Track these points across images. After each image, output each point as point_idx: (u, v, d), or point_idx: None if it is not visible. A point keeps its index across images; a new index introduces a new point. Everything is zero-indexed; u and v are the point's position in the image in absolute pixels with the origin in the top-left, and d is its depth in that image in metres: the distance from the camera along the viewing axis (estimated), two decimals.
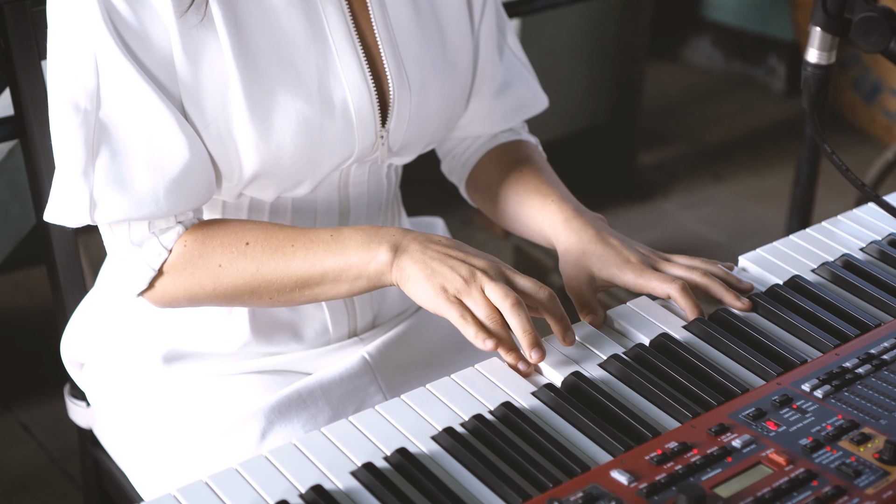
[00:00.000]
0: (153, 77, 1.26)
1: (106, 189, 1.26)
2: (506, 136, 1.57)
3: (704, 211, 3.55)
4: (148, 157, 1.26)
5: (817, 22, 1.01)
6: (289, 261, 1.28)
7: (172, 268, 1.30)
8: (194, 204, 1.30)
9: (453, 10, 1.45)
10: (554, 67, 3.31)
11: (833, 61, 1.04)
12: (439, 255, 1.22)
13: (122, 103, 1.25)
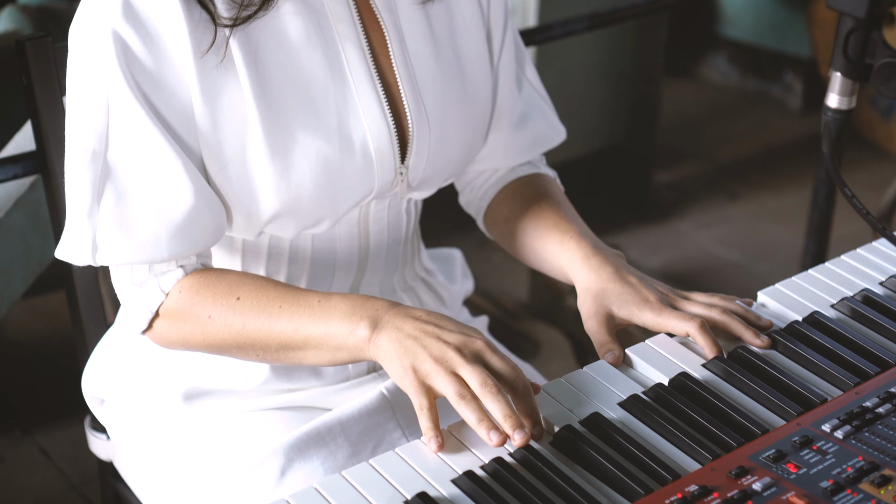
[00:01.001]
0: (164, 120, 1.27)
1: (108, 232, 1.27)
2: (524, 170, 1.57)
3: (720, 230, 3.55)
4: (152, 201, 1.27)
5: (837, 67, 1.01)
6: (274, 322, 1.27)
7: (168, 312, 1.31)
8: (197, 249, 1.31)
9: (472, 45, 1.46)
10: (571, 88, 3.31)
11: (853, 106, 1.04)
12: (415, 332, 1.19)
13: (129, 146, 1.26)
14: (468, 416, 1.13)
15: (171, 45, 1.25)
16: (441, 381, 1.16)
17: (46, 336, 2.78)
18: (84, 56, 1.26)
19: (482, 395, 1.14)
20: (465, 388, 1.15)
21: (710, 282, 3.28)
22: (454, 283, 1.69)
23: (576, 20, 2.10)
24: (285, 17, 1.31)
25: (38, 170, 1.59)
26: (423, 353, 1.17)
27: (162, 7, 1.24)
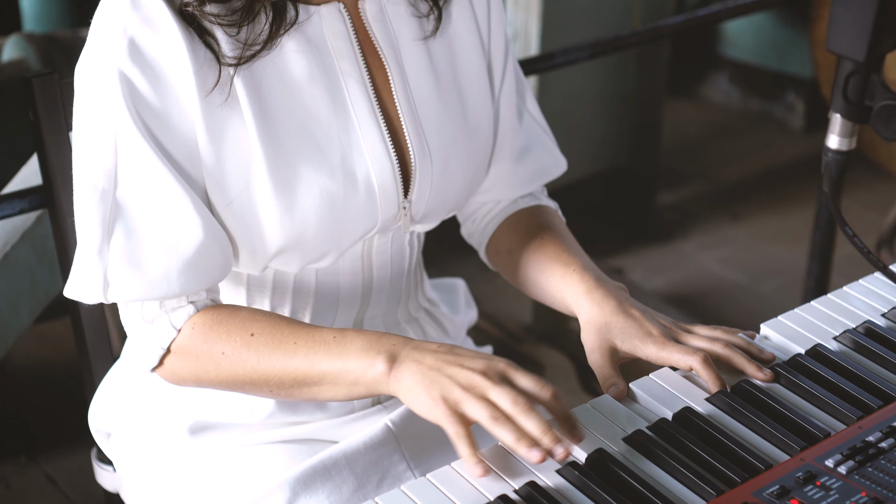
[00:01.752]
0: (171, 158, 1.28)
1: (119, 269, 1.28)
2: (525, 202, 1.58)
3: (724, 251, 3.55)
4: (162, 238, 1.28)
5: (837, 109, 1.02)
6: (289, 358, 1.28)
7: (180, 349, 1.32)
8: (208, 284, 1.31)
9: (474, 78, 1.47)
10: (573, 111, 3.33)
11: (854, 147, 1.05)
12: (437, 364, 1.20)
13: (138, 184, 1.27)
14: (505, 436, 1.15)
15: (177, 85, 1.26)
16: (473, 407, 1.17)
17: (52, 362, 2.79)
18: (91, 96, 1.28)
19: (516, 413, 1.15)
20: (498, 410, 1.16)
21: (713, 303, 3.28)
22: (458, 313, 1.69)
23: (577, 48, 2.11)
24: (288, 55, 1.32)
25: (44, 204, 1.61)
26: (450, 382, 1.18)
27: (167, 47, 1.25)
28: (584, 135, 3.42)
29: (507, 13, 3.16)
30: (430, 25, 1.42)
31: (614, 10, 3.28)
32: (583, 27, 3.21)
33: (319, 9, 1.34)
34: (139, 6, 1.25)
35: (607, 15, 3.27)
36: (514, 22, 3.15)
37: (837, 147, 1.05)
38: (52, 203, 1.56)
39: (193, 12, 1.26)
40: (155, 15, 1.25)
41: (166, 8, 1.25)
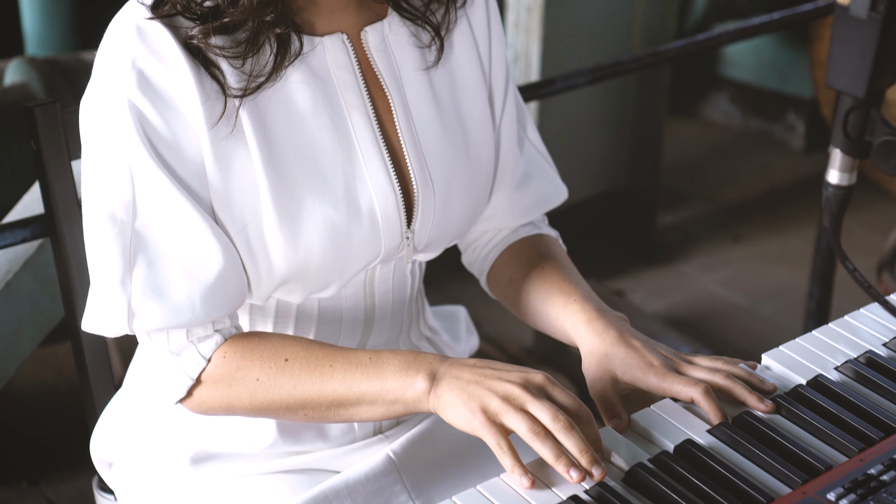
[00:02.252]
0: (187, 186, 1.28)
1: (143, 298, 1.28)
2: (526, 230, 1.58)
3: (725, 273, 3.55)
4: (184, 265, 1.28)
5: (837, 144, 1.03)
6: (326, 381, 1.29)
7: (211, 378, 1.32)
8: (230, 309, 1.32)
9: (475, 108, 1.47)
10: (574, 132, 3.33)
11: (854, 182, 1.05)
12: (476, 378, 1.22)
13: (157, 213, 1.28)
14: (545, 452, 1.16)
15: (186, 115, 1.27)
16: (512, 418, 1.18)
17: (54, 387, 2.78)
18: (101, 128, 1.28)
19: (555, 430, 1.17)
20: (538, 423, 1.17)
21: (714, 325, 3.28)
22: (459, 341, 1.70)
23: (578, 74, 2.12)
24: (293, 86, 1.33)
25: (46, 233, 1.61)
26: (490, 394, 1.20)
27: (175, 78, 1.26)
28: (585, 156, 3.42)
29: (508, 35, 3.17)
30: (431, 56, 1.42)
31: (615, 32, 3.29)
32: (583, 50, 3.22)
33: (323, 40, 1.35)
34: (146, 38, 1.26)
35: (608, 37, 3.28)
36: (514, 44, 3.16)
37: (838, 182, 1.05)
38: (53, 232, 1.56)
39: (199, 45, 1.27)
40: (162, 46, 1.26)
41: (173, 39, 1.26)
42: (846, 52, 0.97)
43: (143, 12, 1.28)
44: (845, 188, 1.06)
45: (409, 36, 1.42)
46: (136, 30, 1.27)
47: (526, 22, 3.08)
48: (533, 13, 3.06)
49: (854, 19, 0.96)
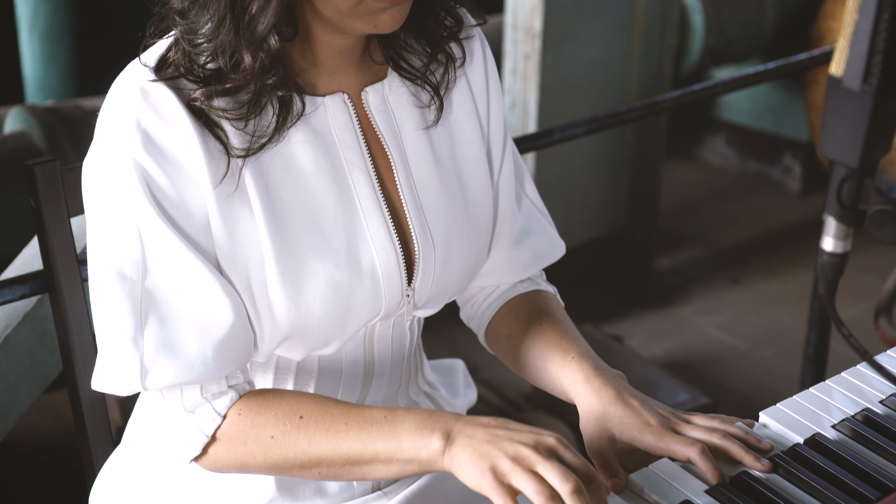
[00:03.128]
0: (195, 243, 1.29)
1: (156, 355, 1.28)
2: (524, 286, 1.59)
3: (723, 316, 3.56)
4: (195, 321, 1.29)
5: (832, 212, 1.03)
6: (341, 439, 1.29)
7: (225, 435, 1.32)
8: (241, 363, 1.32)
9: (474, 165, 1.48)
10: (572, 176, 3.35)
11: (849, 249, 1.06)
12: (488, 438, 1.22)
13: (167, 271, 1.28)
14: None
15: (191, 174, 1.28)
16: (520, 479, 1.18)
17: (52, 434, 2.78)
18: (107, 188, 1.29)
19: (563, 492, 1.16)
20: (546, 485, 1.17)
21: (712, 369, 3.28)
22: (457, 396, 1.70)
23: (575, 125, 2.13)
24: (295, 145, 1.34)
25: (45, 289, 1.61)
26: (500, 454, 1.20)
27: (180, 138, 1.27)
28: (583, 200, 3.44)
29: (506, 82, 3.19)
30: (431, 115, 1.44)
31: (612, 78, 3.31)
32: (581, 96, 3.25)
33: (325, 100, 1.36)
34: (150, 99, 1.27)
35: (605, 83, 3.30)
36: (512, 91, 3.18)
37: (832, 249, 1.05)
38: (52, 288, 1.57)
39: (201, 106, 1.28)
40: (166, 107, 1.27)
41: (176, 101, 1.27)
42: (840, 122, 0.98)
43: (146, 74, 1.29)
44: (840, 255, 1.06)
45: (409, 96, 1.43)
46: (140, 91, 1.28)
47: (523, 69, 3.10)
48: (530, 60, 3.08)
49: (847, 91, 0.97)
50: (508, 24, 3.13)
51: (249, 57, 1.25)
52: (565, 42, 3.12)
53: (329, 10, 1.27)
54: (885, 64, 0.95)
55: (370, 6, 1.27)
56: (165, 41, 1.32)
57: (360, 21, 1.29)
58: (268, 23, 1.23)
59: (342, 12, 1.27)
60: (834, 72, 0.98)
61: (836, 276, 1.08)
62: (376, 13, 1.28)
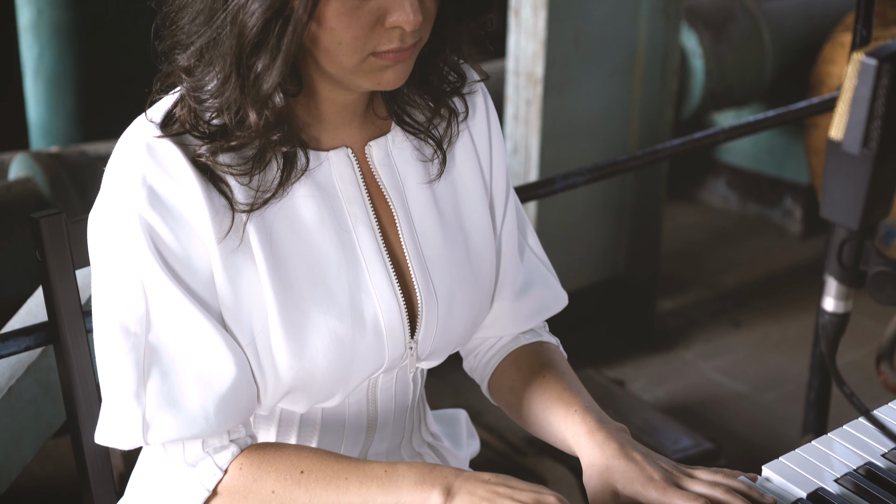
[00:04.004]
0: (198, 297, 1.30)
1: (158, 410, 1.29)
2: (527, 338, 1.59)
3: (725, 360, 3.56)
4: (197, 376, 1.30)
5: (832, 273, 1.04)
6: (342, 493, 1.29)
7: (226, 490, 1.33)
8: (242, 418, 1.33)
9: (477, 218, 1.49)
10: (574, 220, 3.36)
11: (850, 309, 1.07)
12: (488, 495, 1.23)
13: (170, 325, 1.29)
14: None
15: (196, 229, 1.29)
16: None
17: (55, 480, 2.77)
18: (112, 243, 1.30)
19: None
20: None
21: (715, 414, 3.28)
22: (460, 447, 1.70)
23: (576, 173, 2.15)
24: (299, 199, 1.35)
25: (50, 340, 1.62)
26: None
27: (185, 194, 1.28)
28: (584, 244, 3.45)
29: (508, 128, 3.21)
30: (434, 169, 1.45)
31: (613, 122, 3.33)
32: (582, 140, 3.26)
33: (329, 154, 1.37)
34: (156, 155, 1.28)
35: (606, 128, 3.32)
36: (514, 136, 3.20)
37: (833, 310, 1.06)
38: (57, 340, 1.58)
39: (206, 162, 1.29)
40: (171, 163, 1.28)
41: (182, 156, 1.28)
42: (840, 185, 0.99)
43: (152, 130, 1.30)
44: (841, 315, 1.07)
45: (413, 150, 1.44)
46: (146, 147, 1.29)
47: (525, 115, 3.12)
48: (532, 106, 3.10)
49: (847, 155, 0.98)
50: (510, 71, 3.15)
51: (255, 114, 1.27)
52: (567, 88, 3.14)
53: (333, 67, 1.29)
54: (885, 129, 0.96)
55: (374, 64, 1.28)
56: (171, 97, 1.34)
57: (364, 78, 1.30)
58: (273, 81, 1.24)
59: (346, 70, 1.29)
60: (834, 135, 0.99)
61: (838, 336, 1.09)
62: (380, 71, 1.29)
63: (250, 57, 1.24)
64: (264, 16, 1.21)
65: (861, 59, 0.96)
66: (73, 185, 2.68)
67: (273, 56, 1.23)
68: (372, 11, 1.25)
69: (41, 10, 3.55)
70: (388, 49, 1.27)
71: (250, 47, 1.23)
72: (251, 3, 1.21)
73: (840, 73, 3.81)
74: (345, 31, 1.25)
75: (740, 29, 4.04)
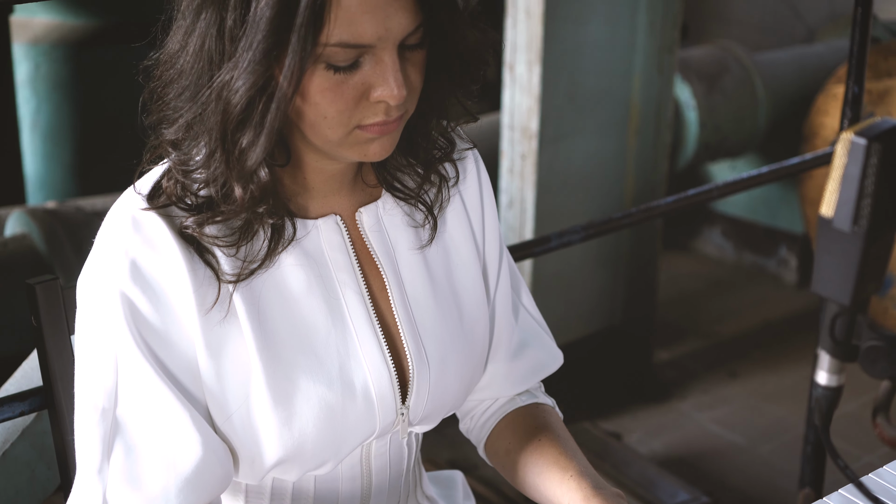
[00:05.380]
0: (172, 376, 1.29)
1: (118, 487, 1.28)
2: (523, 399, 1.59)
3: (721, 411, 3.56)
4: (161, 455, 1.28)
5: (825, 347, 1.05)
6: None
7: None
8: (207, 500, 1.31)
9: (469, 283, 1.49)
10: (569, 272, 3.36)
11: (843, 382, 1.07)
12: None
13: (137, 401, 1.28)
14: None
15: (177, 304, 1.28)
16: None
17: None
18: (92, 315, 1.30)
19: None
20: None
21: (712, 466, 3.27)
22: None
23: (572, 231, 2.16)
24: (286, 268, 1.34)
25: (44, 405, 1.62)
26: None
27: (167, 267, 1.28)
28: (580, 295, 3.45)
29: (503, 181, 3.22)
30: (425, 234, 1.45)
31: (608, 175, 3.35)
32: (577, 193, 3.28)
33: (317, 222, 1.37)
34: (140, 228, 1.28)
35: (601, 180, 3.34)
36: (509, 189, 3.21)
37: (827, 383, 1.07)
38: (52, 405, 1.57)
39: (192, 234, 1.29)
40: (155, 236, 1.28)
41: (167, 228, 1.28)
42: (831, 261, 1.00)
43: (139, 202, 1.30)
44: (834, 389, 1.07)
45: (403, 215, 1.44)
46: (132, 220, 1.29)
47: (520, 168, 3.14)
48: (527, 160, 3.12)
49: (838, 231, 0.99)
50: (505, 125, 3.17)
51: (240, 189, 1.27)
52: (561, 141, 3.16)
53: (319, 139, 1.29)
54: (875, 207, 0.97)
55: (359, 136, 1.28)
56: (160, 168, 1.34)
57: (350, 150, 1.30)
58: (257, 157, 1.24)
59: (331, 143, 1.29)
60: (825, 212, 1.00)
61: (831, 409, 1.09)
62: (366, 143, 1.29)
63: (235, 133, 1.24)
64: (248, 93, 1.21)
65: (850, 138, 0.97)
66: (70, 242, 2.69)
67: (258, 132, 1.23)
68: (356, 86, 1.25)
69: (38, 65, 3.57)
70: (373, 122, 1.27)
71: (235, 123, 1.23)
72: (235, 80, 1.21)
73: (833, 123, 3.83)
74: (329, 105, 1.25)
75: (733, 81, 4.06)
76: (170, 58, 1.28)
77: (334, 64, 1.23)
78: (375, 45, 1.23)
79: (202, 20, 1.24)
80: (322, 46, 1.21)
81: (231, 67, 1.22)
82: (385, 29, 1.22)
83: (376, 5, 1.22)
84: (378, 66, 1.24)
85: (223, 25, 1.22)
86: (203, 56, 1.24)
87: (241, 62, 1.21)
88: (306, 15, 1.19)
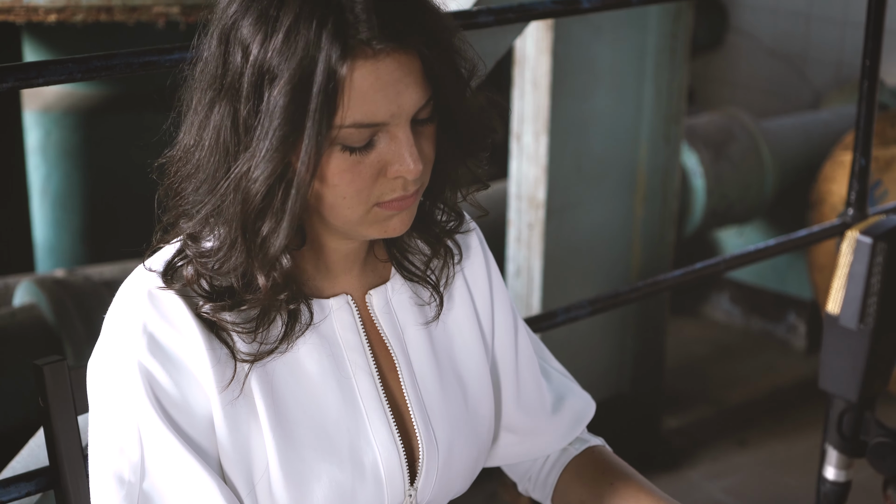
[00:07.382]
0: (195, 445, 1.29)
1: None
2: (575, 448, 1.60)
3: (731, 480, 3.53)
4: None
5: (833, 443, 1.05)
6: None
7: None
8: None
9: (472, 362, 1.49)
10: (576, 339, 3.36)
11: (851, 478, 1.07)
12: None
13: (165, 473, 1.28)
14: None
15: (196, 378, 1.29)
16: None
17: None
18: (111, 390, 1.30)
19: None
20: None
21: None
22: None
23: (578, 306, 2.16)
24: (301, 349, 1.35)
25: (51, 485, 1.62)
26: None
27: (186, 343, 1.28)
28: (587, 363, 3.44)
29: (510, 250, 3.23)
30: (431, 312, 1.45)
31: (615, 243, 3.36)
32: (585, 262, 3.28)
33: (330, 303, 1.38)
34: (157, 303, 1.29)
35: (609, 248, 3.34)
36: (517, 259, 3.22)
37: (835, 479, 1.06)
38: (58, 485, 1.57)
39: (209, 318, 1.30)
40: (173, 312, 1.29)
41: (184, 306, 1.29)
42: (838, 359, 1.00)
43: (154, 279, 1.31)
44: (843, 484, 1.07)
45: (410, 294, 1.45)
46: (148, 294, 1.30)
47: (528, 238, 3.15)
48: (534, 230, 3.13)
49: (844, 329, 0.99)
50: (512, 195, 3.18)
51: (263, 277, 1.27)
52: (568, 210, 3.17)
53: (338, 220, 1.30)
54: (881, 305, 0.97)
55: (379, 214, 1.30)
56: (172, 247, 1.34)
57: (370, 228, 1.31)
58: (280, 244, 1.25)
59: (351, 222, 1.30)
60: (831, 310, 1.00)
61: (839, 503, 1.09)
62: (385, 220, 1.30)
63: (256, 221, 1.24)
64: (267, 181, 1.22)
65: (856, 237, 0.97)
66: (78, 312, 2.69)
67: (279, 219, 1.24)
68: (373, 164, 1.26)
69: (49, 132, 3.61)
70: (391, 199, 1.28)
71: (255, 212, 1.24)
72: (254, 170, 1.22)
73: (840, 190, 3.84)
74: (348, 186, 1.26)
75: (740, 148, 4.08)
76: (185, 153, 1.29)
77: (350, 145, 1.24)
78: (389, 123, 1.24)
79: (216, 113, 1.25)
80: (337, 129, 1.22)
81: (248, 157, 1.23)
82: (398, 106, 1.24)
83: (388, 83, 1.23)
84: (393, 143, 1.25)
85: (237, 116, 1.24)
86: (219, 148, 1.25)
87: (257, 151, 1.22)
88: (320, 100, 1.21)
